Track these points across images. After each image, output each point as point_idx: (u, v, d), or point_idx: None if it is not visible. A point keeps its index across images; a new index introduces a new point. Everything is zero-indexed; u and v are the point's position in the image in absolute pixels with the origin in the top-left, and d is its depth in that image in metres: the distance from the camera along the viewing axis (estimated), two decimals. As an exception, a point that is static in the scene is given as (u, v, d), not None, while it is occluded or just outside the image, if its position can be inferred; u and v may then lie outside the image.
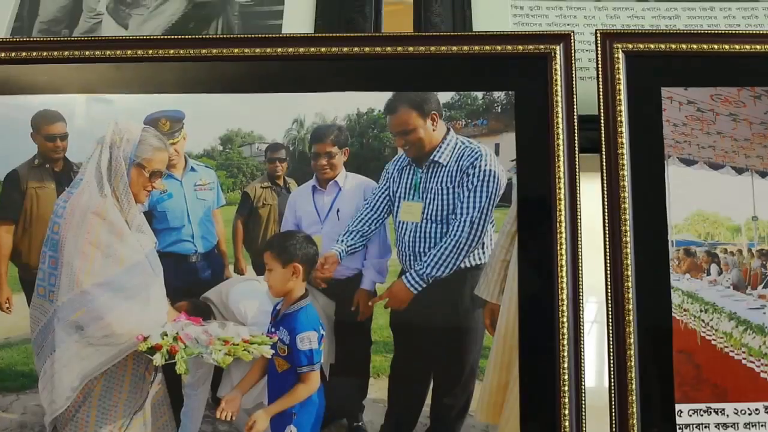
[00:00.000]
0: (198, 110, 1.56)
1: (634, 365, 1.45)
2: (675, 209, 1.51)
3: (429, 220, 1.52)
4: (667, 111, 1.55)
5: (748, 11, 1.78)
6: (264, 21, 1.77)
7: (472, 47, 1.56)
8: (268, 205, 1.55)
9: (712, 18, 1.76)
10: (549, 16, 1.76)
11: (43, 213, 1.54)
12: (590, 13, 1.77)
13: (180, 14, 1.78)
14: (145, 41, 1.59)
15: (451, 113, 1.55)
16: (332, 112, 1.55)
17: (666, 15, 1.77)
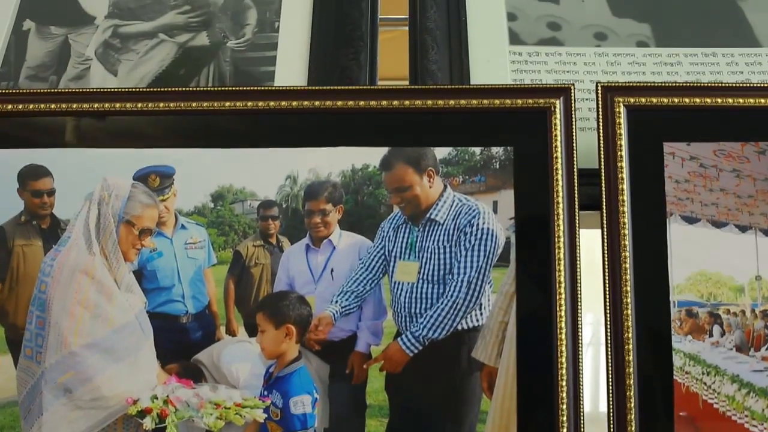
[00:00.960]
0: (188, 166, 1.55)
1: (634, 430, 1.43)
2: (677, 269, 1.50)
3: (425, 280, 1.51)
4: (670, 167, 1.53)
5: (751, 57, 1.77)
6: (256, 67, 1.75)
7: (470, 101, 1.55)
8: (260, 264, 1.54)
9: (714, 64, 1.75)
10: (548, 63, 1.75)
11: (30, 271, 1.52)
12: (590, 59, 1.75)
13: (170, 60, 1.77)
14: (134, 94, 1.58)
15: (448, 169, 1.53)
16: (326, 168, 1.54)
17: (667, 61, 1.76)
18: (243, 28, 1.82)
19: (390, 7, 1.91)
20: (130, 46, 1.81)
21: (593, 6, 1.85)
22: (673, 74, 1.75)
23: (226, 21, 1.83)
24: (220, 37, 1.80)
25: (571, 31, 1.81)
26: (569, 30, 1.81)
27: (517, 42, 1.79)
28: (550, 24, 1.82)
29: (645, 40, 1.80)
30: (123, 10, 1.86)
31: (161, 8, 1.86)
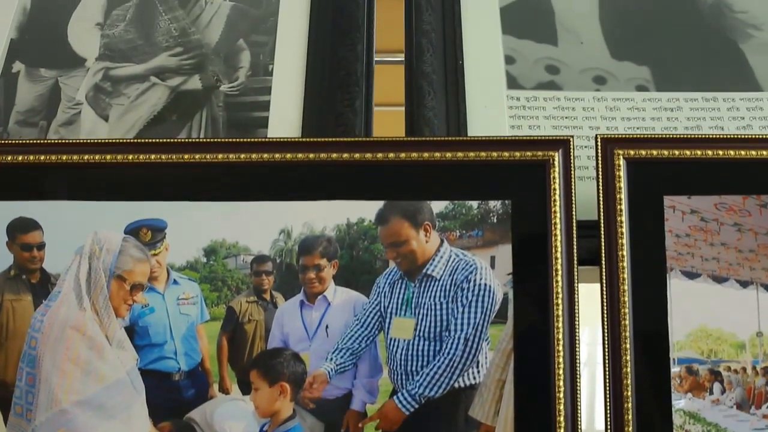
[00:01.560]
0: (181, 219, 1.54)
1: (634, 491, 1.43)
2: (677, 325, 1.50)
3: (422, 337, 1.50)
4: (670, 221, 1.53)
5: (752, 102, 1.76)
6: (250, 113, 1.75)
7: (467, 154, 1.54)
8: (254, 320, 1.53)
9: (714, 110, 1.75)
10: (546, 108, 1.75)
11: (20, 327, 1.51)
12: (589, 104, 1.75)
13: (162, 105, 1.76)
14: (124, 145, 1.58)
15: (444, 224, 1.53)
16: (321, 222, 1.54)
17: (667, 106, 1.75)
18: (236, 71, 1.81)
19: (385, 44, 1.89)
20: (122, 89, 1.80)
21: (592, 48, 1.85)
22: (673, 120, 1.75)
23: (219, 64, 1.81)
24: (212, 80, 1.79)
25: (570, 74, 1.80)
26: (568, 73, 1.81)
27: (515, 86, 1.78)
28: (549, 67, 1.81)
29: (645, 84, 1.79)
30: (114, 51, 1.85)
31: (153, 50, 1.85)
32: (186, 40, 1.85)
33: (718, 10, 1.91)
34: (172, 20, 1.88)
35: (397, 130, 1.73)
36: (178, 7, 1.90)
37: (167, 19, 1.88)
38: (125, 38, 1.87)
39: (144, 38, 1.87)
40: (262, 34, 1.86)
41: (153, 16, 1.90)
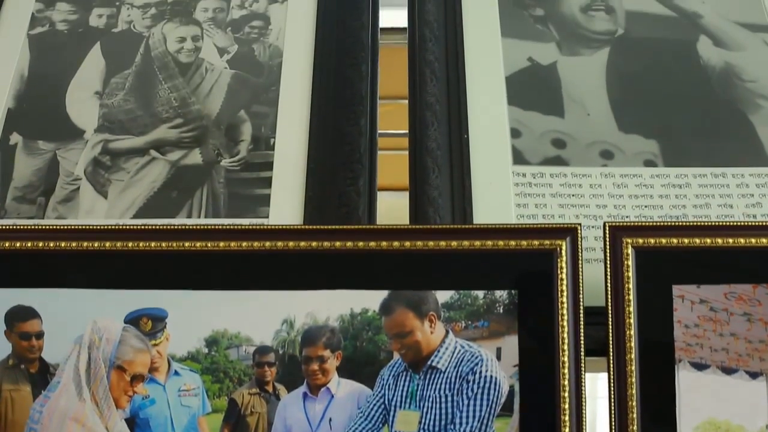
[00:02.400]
0: (182, 308, 1.54)
1: None
2: (685, 417, 1.50)
3: (426, 430, 1.50)
4: (679, 311, 1.53)
5: (761, 178, 1.77)
6: (251, 190, 1.75)
7: (473, 243, 1.54)
8: (256, 413, 1.53)
9: (723, 186, 1.76)
10: (553, 185, 1.75)
11: (19, 418, 1.52)
12: (596, 181, 1.75)
13: (162, 181, 1.76)
14: (123, 232, 1.57)
15: (450, 314, 1.53)
16: (324, 312, 1.54)
17: (675, 183, 1.76)
18: (237, 144, 1.81)
19: (389, 118, 1.90)
20: (121, 164, 1.80)
21: (599, 120, 1.85)
22: (681, 197, 1.75)
23: (220, 136, 1.82)
24: (213, 154, 1.79)
25: (577, 148, 1.81)
26: (575, 147, 1.81)
27: (521, 161, 1.79)
28: (555, 141, 1.81)
29: (653, 159, 1.80)
30: (113, 122, 1.85)
31: (153, 121, 1.85)
32: (186, 111, 1.85)
33: (728, 79, 1.91)
34: (172, 89, 1.88)
35: (401, 209, 1.73)
36: (178, 74, 1.90)
37: (167, 88, 1.88)
38: (124, 108, 1.87)
39: (143, 108, 1.87)
40: (263, 104, 1.86)
41: (153, 84, 1.90)
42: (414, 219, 1.70)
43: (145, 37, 1.98)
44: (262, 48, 1.94)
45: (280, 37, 1.95)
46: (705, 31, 1.96)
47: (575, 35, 1.95)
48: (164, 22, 1.99)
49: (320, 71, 1.88)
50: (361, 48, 1.88)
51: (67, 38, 1.98)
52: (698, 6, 2.00)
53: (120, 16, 2.00)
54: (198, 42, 1.95)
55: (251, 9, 2.00)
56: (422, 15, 1.92)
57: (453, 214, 1.70)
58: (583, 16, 1.97)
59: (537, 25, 1.97)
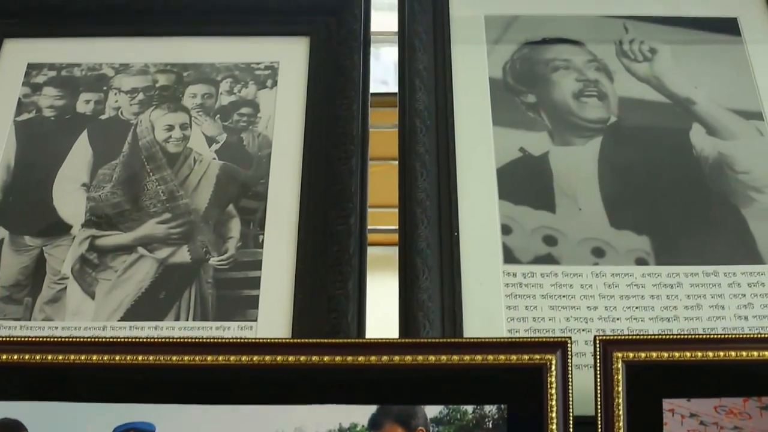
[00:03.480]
0: (169, 423, 1.57)
1: None
2: None
3: None
4: (669, 425, 1.56)
5: (753, 276, 1.80)
6: (240, 290, 1.78)
7: (463, 357, 1.57)
8: None
9: (715, 285, 1.79)
10: (543, 285, 1.79)
11: None
12: (587, 281, 1.79)
13: (150, 280, 1.79)
14: (109, 345, 1.60)
15: (439, 429, 1.56)
16: (312, 427, 1.57)
17: (667, 282, 1.79)
18: (226, 241, 1.84)
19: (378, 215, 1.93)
20: (108, 262, 1.82)
21: (591, 215, 1.88)
22: (672, 297, 1.78)
23: (208, 233, 1.84)
24: (201, 252, 1.82)
25: (568, 245, 1.84)
26: (566, 244, 1.84)
27: (512, 260, 1.82)
28: (546, 238, 1.84)
29: (644, 257, 1.83)
30: (100, 217, 1.88)
31: (140, 216, 1.88)
32: (174, 205, 1.88)
33: (720, 170, 1.94)
34: (160, 181, 1.90)
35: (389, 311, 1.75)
36: (167, 165, 1.93)
37: (155, 180, 1.91)
38: (112, 201, 1.89)
39: (131, 202, 1.89)
40: (252, 199, 1.89)
41: (140, 176, 1.93)
42: (403, 324, 1.73)
43: (133, 124, 2.00)
44: (251, 137, 1.96)
45: (269, 125, 1.97)
46: (698, 119, 1.99)
47: (568, 123, 1.98)
48: (152, 109, 2.02)
49: (309, 165, 1.91)
50: (351, 140, 1.90)
51: (54, 125, 2.01)
52: (691, 92, 2.02)
53: (107, 101, 2.02)
54: (186, 130, 1.97)
55: (240, 95, 2.03)
56: (413, 104, 1.95)
57: (443, 319, 1.73)
58: (575, 102, 1.99)
59: (529, 112, 1.99)
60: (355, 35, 2.06)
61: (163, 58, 2.10)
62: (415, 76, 1.99)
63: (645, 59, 2.09)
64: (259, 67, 2.07)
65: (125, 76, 2.09)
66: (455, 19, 2.13)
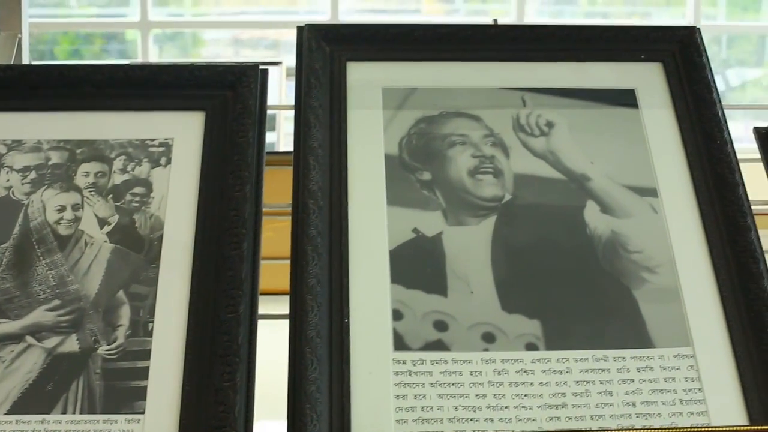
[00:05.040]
0: None
1: None
2: None
3: None
4: None
5: (643, 360, 1.88)
6: (128, 382, 1.84)
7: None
8: None
9: (604, 371, 1.87)
10: (433, 373, 1.88)
11: None
12: (477, 368, 1.90)
13: (38, 371, 1.84)
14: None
15: None
16: None
17: (557, 368, 1.89)
18: (115, 330, 1.89)
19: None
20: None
21: (483, 299, 1.95)
22: (561, 384, 1.86)
23: (98, 320, 1.89)
24: (90, 341, 1.87)
25: (459, 330, 1.90)
26: (457, 330, 1.90)
27: (402, 347, 1.88)
28: (437, 323, 1.91)
29: (535, 342, 1.89)
30: (-10, 305, 1.91)
31: (29, 303, 1.92)
32: (64, 291, 1.92)
33: (614, 250, 2.01)
34: (50, 266, 1.95)
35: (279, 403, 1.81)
36: (57, 249, 1.97)
37: (45, 264, 1.95)
38: (1, 287, 1.93)
39: (21, 287, 1.94)
40: (143, 284, 1.94)
41: (30, 259, 1.97)
42: (291, 418, 1.78)
43: (24, 205, 2.04)
44: (144, 219, 2.01)
45: (162, 206, 2.02)
46: (593, 196, 2.05)
47: (462, 202, 2.04)
48: (44, 188, 2.06)
49: (201, 249, 1.95)
50: (243, 223, 1.95)
51: (-55, 207, 2.04)
52: (587, 167, 2.09)
53: (-1, 180, 2.06)
54: (78, 211, 2.02)
55: (133, 173, 2.07)
56: (306, 184, 2.00)
57: (330, 410, 1.80)
58: (470, 180, 2.06)
59: (424, 190, 2.05)
60: (250, 111, 2.10)
61: (56, 134, 2.14)
62: (309, 154, 2.03)
63: (542, 133, 2.15)
64: (153, 144, 2.12)
65: (17, 154, 2.13)
66: (352, 92, 2.18)
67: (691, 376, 1.92)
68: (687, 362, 1.94)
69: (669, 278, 2.02)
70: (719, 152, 2.16)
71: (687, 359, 1.94)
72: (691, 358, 1.94)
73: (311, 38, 2.25)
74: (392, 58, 2.28)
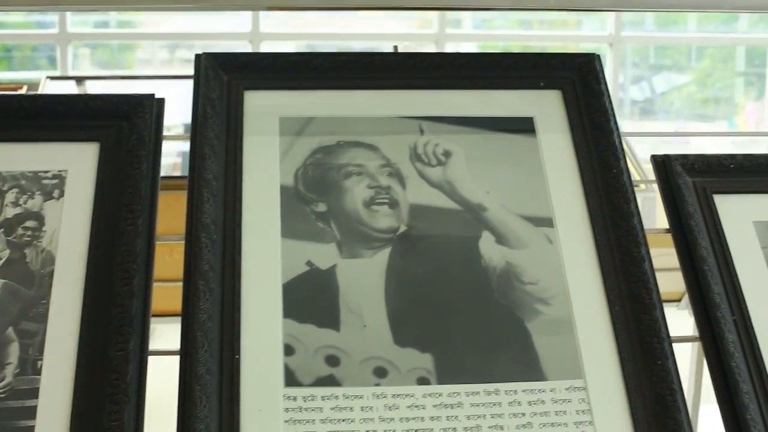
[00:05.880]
0: None
1: None
2: None
3: None
4: None
5: (534, 394, 1.94)
6: (16, 421, 1.84)
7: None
8: None
9: (496, 405, 1.91)
10: (324, 409, 1.90)
11: None
12: (368, 403, 1.91)
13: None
14: None
15: None
16: None
17: (448, 402, 1.92)
18: (3, 368, 1.89)
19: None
20: None
21: (376, 332, 1.97)
22: (452, 419, 1.89)
23: (-11, 369, 1.89)
24: (-18, 387, 1.87)
25: (351, 365, 1.92)
26: (348, 364, 1.92)
27: (293, 383, 1.90)
28: (329, 358, 1.93)
29: (426, 376, 1.92)
30: None
31: None
32: (-47, 336, 1.92)
33: (508, 281, 2.03)
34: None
35: None
36: (-52, 285, 1.97)
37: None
38: None
39: None
40: (32, 321, 1.94)
41: None
42: (180, 452, 1.79)
43: None
44: (35, 253, 2.02)
45: (54, 240, 2.03)
46: (488, 226, 2.08)
47: (357, 234, 2.06)
48: (-65, 224, 2.05)
49: (92, 284, 1.96)
50: (134, 258, 1.96)
51: None
52: (483, 197, 2.12)
53: None
54: (-31, 248, 2.02)
55: (26, 206, 2.08)
56: (200, 217, 2.01)
57: (219, 449, 1.80)
58: (366, 211, 2.08)
59: (319, 222, 2.07)
60: (144, 142, 2.11)
61: (-51, 167, 2.14)
62: (204, 187, 2.04)
63: (439, 163, 2.18)
64: (46, 176, 2.12)
65: None
66: (250, 121, 2.19)
67: (582, 408, 1.94)
68: (578, 395, 1.96)
69: (563, 309, 2.04)
70: (615, 181, 2.19)
71: (578, 392, 1.96)
72: (583, 390, 1.96)
73: (208, 67, 2.26)
74: (290, 86, 2.29)
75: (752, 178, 2.25)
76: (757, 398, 1.97)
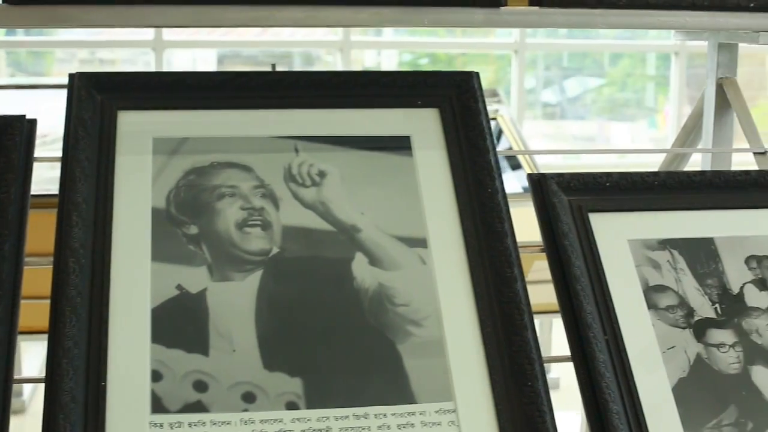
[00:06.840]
0: None
1: None
2: None
3: None
4: None
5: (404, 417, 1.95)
6: None
7: None
8: None
9: (365, 429, 1.90)
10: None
11: None
12: (236, 428, 1.91)
13: None
14: None
15: None
16: None
17: (317, 427, 1.93)
18: None
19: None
20: None
21: (245, 357, 1.98)
22: (320, 444, 1.88)
23: None
24: None
25: (219, 391, 1.93)
26: (217, 390, 1.93)
27: (160, 409, 1.91)
28: (197, 383, 1.93)
29: (295, 401, 1.93)
30: None
31: None
32: None
33: (380, 303, 2.05)
34: None
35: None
36: None
37: None
38: None
39: None
40: None
41: None
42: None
43: None
44: None
45: None
46: (361, 248, 2.10)
47: (229, 256, 2.06)
48: None
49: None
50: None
51: None
52: (357, 218, 2.13)
53: None
54: None
55: None
56: (68, 241, 2.00)
57: (81, 483, 1.80)
58: (238, 233, 2.08)
59: (190, 245, 2.07)
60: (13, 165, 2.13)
61: None
62: (73, 210, 2.04)
63: (313, 183, 2.19)
64: None
65: None
66: (122, 142, 2.19)
67: (451, 431, 1.95)
68: (448, 417, 1.98)
69: (434, 331, 2.06)
70: (490, 201, 2.21)
71: (448, 414, 1.98)
72: (453, 413, 1.98)
73: (81, 87, 2.26)
74: (164, 106, 2.29)
75: (628, 197, 2.28)
76: (627, 419, 2.01)
